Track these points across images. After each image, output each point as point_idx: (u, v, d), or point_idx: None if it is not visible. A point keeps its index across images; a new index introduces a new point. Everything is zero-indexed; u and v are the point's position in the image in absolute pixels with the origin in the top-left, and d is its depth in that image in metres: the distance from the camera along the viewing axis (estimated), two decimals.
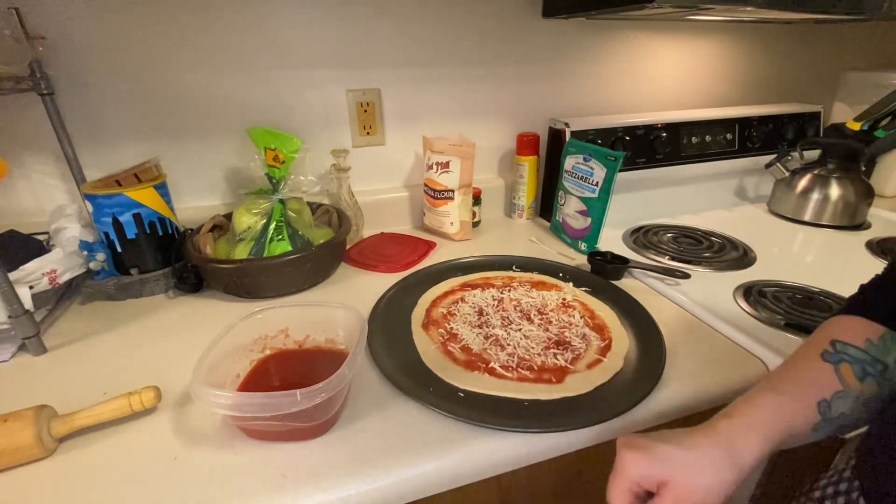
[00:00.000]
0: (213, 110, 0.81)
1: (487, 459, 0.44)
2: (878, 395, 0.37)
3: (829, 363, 0.38)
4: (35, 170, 0.76)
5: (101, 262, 0.66)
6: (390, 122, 0.92)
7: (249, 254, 0.68)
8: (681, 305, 0.67)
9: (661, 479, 0.34)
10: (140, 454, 0.43)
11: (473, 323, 0.61)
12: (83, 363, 0.56)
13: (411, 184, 0.97)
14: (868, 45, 1.26)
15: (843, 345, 0.38)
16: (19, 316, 0.54)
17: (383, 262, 0.79)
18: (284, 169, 0.72)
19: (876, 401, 0.37)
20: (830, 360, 0.38)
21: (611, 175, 0.77)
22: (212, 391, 0.40)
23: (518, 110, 1.00)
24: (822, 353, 0.38)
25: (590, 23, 0.96)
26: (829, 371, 0.37)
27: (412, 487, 0.42)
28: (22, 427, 0.41)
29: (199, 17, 0.74)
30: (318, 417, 0.43)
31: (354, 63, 0.85)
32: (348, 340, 0.52)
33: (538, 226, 0.98)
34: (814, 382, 0.37)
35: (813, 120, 1.09)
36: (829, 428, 0.37)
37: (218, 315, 0.66)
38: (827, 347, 0.38)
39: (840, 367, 0.37)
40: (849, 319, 0.40)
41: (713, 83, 1.14)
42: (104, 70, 0.73)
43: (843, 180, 0.93)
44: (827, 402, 0.36)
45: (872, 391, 0.37)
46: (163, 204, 0.70)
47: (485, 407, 0.48)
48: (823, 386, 0.37)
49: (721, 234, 0.91)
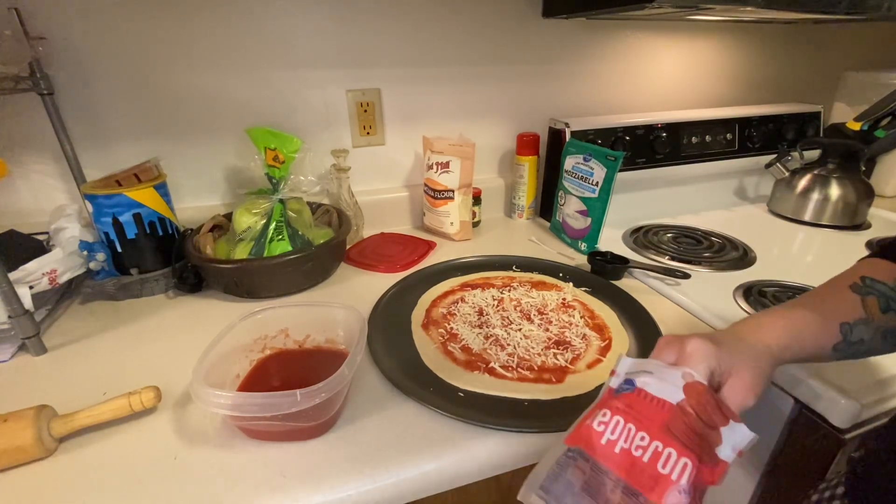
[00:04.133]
0: (213, 110, 0.81)
1: (487, 459, 0.44)
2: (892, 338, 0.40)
3: (856, 294, 0.40)
4: (35, 170, 0.76)
5: (101, 262, 0.66)
6: (390, 122, 0.92)
7: (249, 254, 0.68)
8: (681, 305, 0.67)
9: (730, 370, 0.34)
10: (140, 454, 0.43)
11: (473, 323, 0.61)
12: (83, 363, 0.56)
13: (411, 184, 0.97)
14: (868, 45, 1.26)
15: (872, 280, 0.41)
16: (19, 316, 0.54)
17: (383, 262, 0.79)
18: (284, 169, 0.72)
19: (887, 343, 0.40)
20: (858, 292, 0.40)
21: (611, 175, 0.77)
22: (212, 391, 0.40)
23: (518, 110, 1.00)
24: (851, 286, 0.41)
25: (590, 23, 0.96)
26: (856, 301, 0.40)
27: (412, 487, 0.42)
28: (22, 427, 0.41)
29: (199, 17, 0.74)
30: (318, 417, 0.43)
31: (354, 63, 0.85)
32: (348, 340, 0.52)
33: (538, 226, 0.98)
34: (840, 307, 0.40)
35: (813, 120, 1.09)
36: (847, 351, 0.39)
37: (218, 315, 0.66)
38: (857, 281, 0.41)
39: (866, 299, 0.40)
40: (880, 261, 0.43)
41: (713, 83, 1.14)
42: (104, 70, 0.73)
43: (843, 180, 0.93)
44: (849, 326, 0.39)
45: (890, 325, 0.40)
46: (163, 204, 0.70)
47: (485, 407, 0.48)
48: (848, 311, 0.39)
49: (721, 234, 0.91)
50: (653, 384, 0.32)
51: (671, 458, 0.29)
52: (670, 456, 0.29)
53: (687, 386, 0.31)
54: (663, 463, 0.29)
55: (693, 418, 0.30)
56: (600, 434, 0.31)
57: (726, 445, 0.30)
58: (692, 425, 0.30)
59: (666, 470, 0.29)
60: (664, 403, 0.31)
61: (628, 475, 0.29)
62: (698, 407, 0.30)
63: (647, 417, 0.31)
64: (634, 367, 0.34)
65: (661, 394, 0.31)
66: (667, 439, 0.29)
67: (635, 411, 0.31)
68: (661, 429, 0.30)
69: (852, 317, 0.39)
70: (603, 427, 0.31)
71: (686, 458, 0.29)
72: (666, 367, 0.33)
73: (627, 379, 0.33)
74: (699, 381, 0.31)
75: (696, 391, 0.31)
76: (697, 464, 0.29)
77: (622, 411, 0.31)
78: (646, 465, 0.29)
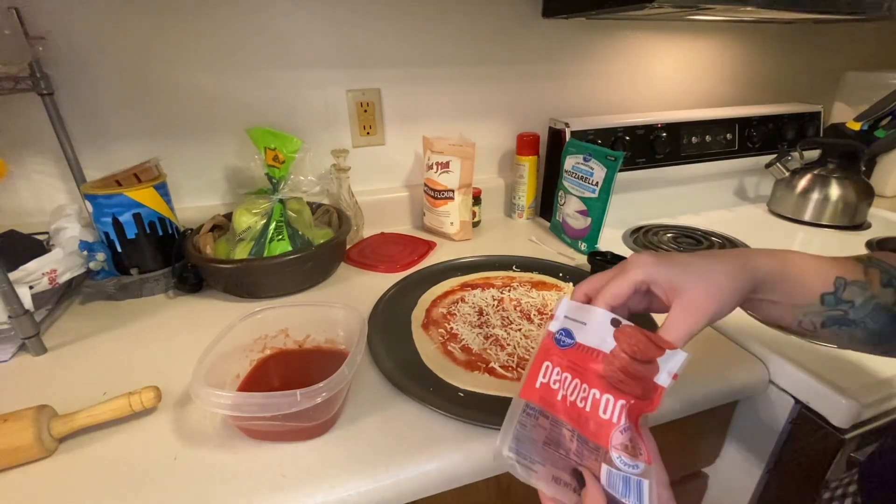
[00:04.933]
0: (213, 110, 0.81)
1: (487, 459, 0.44)
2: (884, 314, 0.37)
3: (860, 263, 0.38)
4: (35, 170, 0.76)
5: (101, 262, 0.66)
6: (390, 122, 0.92)
7: (249, 254, 0.68)
8: None
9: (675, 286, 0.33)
10: (140, 454, 0.43)
11: (473, 323, 0.61)
12: (83, 363, 0.56)
13: (411, 184, 0.97)
14: (868, 45, 1.26)
15: (880, 261, 0.38)
16: (19, 316, 0.54)
17: (383, 262, 0.79)
18: (284, 169, 0.72)
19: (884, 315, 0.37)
20: (862, 262, 0.38)
21: (611, 175, 0.77)
22: (212, 391, 0.40)
23: (518, 110, 1.00)
24: (857, 257, 0.39)
25: (590, 23, 0.96)
26: (859, 267, 0.37)
27: (412, 487, 0.42)
28: (22, 427, 0.41)
29: (199, 17, 0.74)
30: (318, 417, 0.43)
31: (354, 63, 0.85)
32: (348, 340, 0.52)
33: (538, 226, 0.98)
34: (841, 266, 0.37)
35: (813, 120, 1.09)
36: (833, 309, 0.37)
37: (218, 315, 0.66)
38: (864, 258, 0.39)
39: (869, 269, 0.37)
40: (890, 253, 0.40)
41: (713, 83, 1.14)
42: (104, 70, 0.73)
43: (843, 180, 0.93)
44: (844, 282, 0.36)
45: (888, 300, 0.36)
46: (163, 204, 0.70)
47: (485, 407, 0.48)
48: (849, 271, 0.37)
49: (721, 234, 0.91)
50: (589, 335, 0.34)
51: (609, 404, 0.31)
52: (608, 402, 0.31)
53: (616, 332, 0.33)
54: (603, 409, 0.31)
55: (626, 360, 0.32)
56: (555, 391, 0.34)
57: (662, 372, 0.31)
58: (626, 367, 0.32)
59: (606, 415, 0.31)
60: (598, 353, 0.33)
61: (577, 425, 0.32)
62: (630, 349, 0.32)
63: (585, 369, 0.33)
64: (572, 313, 0.35)
65: (596, 344, 0.33)
66: (603, 386, 0.32)
67: (576, 364, 0.34)
68: (597, 377, 0.32)
69: (851, 276, 0.37)
70: (557, 385, 0.34)
71: (622, 399, 0.31)
72: (600, 316, 0.34)
73: (567, 331, 0.35)
74: (627, 325, 0.33)
75: (626, 335, 0.32)
76: (634, 400, 0.31)
77: (566, 366, 0.34)
78: (589, 414, 0.32)
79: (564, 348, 0.34)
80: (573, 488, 0.32)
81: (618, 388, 0.31)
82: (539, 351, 0.36)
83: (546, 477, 0.32)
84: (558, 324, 0.36)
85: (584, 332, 0.34)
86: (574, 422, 0.32)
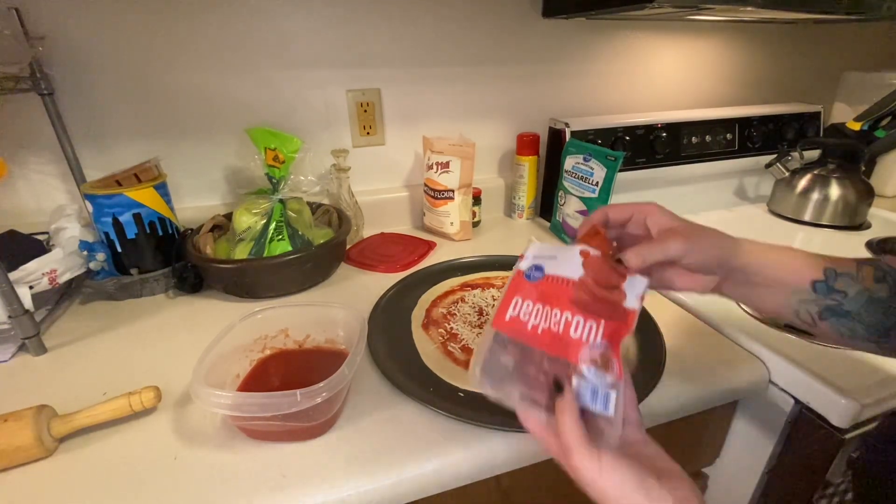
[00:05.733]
0: (213, 110, 0.81)
1: (487, 459, 0.44)
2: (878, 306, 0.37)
3: (855, 260, 0.38)
4: (35, 170, 0.76)
5: (101, 262, 0.66)
6: (390, 122, 0.92)
7: (249, 254, 0.68)
8: (681, 305, 0.67)
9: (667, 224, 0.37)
10: (140, 454, 0.43)
11: (473, 323, 0.61)
12: (83, 363, 0.56)
13: (411, 184, 0.97)
14: (868, 45, 1.26)
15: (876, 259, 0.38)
16: (19, 316, 0.54)
17: (383, 262, 0.79)
18: (284, 169, 0.72)
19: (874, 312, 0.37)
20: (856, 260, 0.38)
21: (611, 175, 0.77)
22: (212, 391, 0.40)
23: (518, 110, 1.00)
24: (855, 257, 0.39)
25: (590, 23, 0.96)
26: (852, 262, 0.38)
27: (412, 487, 0.42)
28: (22, 427, 0.41)
29: (199, 17, 0.74)
30: (318, 417, 0.43)
31: (354, 63, 0.85)
32: (348, 340, 0.52)
33: (538, 226, 0.98)
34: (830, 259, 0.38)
35: (813, 120, 1.09)
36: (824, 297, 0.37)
37: (218, 315, 0.66)
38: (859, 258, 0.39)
39: (863, 266, 0.37)
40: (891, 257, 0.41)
41: (713, 83, 1.14)
42: (104, 70, 0.73)
43: (843, 180, 0.93)
44: (834, 272, 0.37)
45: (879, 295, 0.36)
46: (163, 204, 0.70)
47: (485, 407, 0.47)
48: (840, 263, 0.38)
49: None
50: (559, 267, 0.37)
51: (580, 325, 0.34)
52: (579, 323, 0.34)
53: (584, 262, 0.36)
54: (574, 329, 0.34)
55: (594, 286, 0.35)
56: (524, 322, 0.36)
57: (630, 297, 0.35)
58: (594, 292, 0.35)
59: (577, 334, 0.34)
60: (569, 281, 0.36)
61: (549, 348, 0.34)
62: (596, 276, 0.35)
63: (557, 297, 0.36)
64: (542, 252, 0.38)
65: (566, 273, 0.36)
66: (574, 309, 0.34)
67: (547, 294, 0.36)
68: (569, 302, 0.35)
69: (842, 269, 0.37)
70: (527, 316, 0.36)
71: (592, 321, 0.34)
72: (568, 249, 0.37)
73: (538, 266, 0.38)
74: (594, 256, 0.36)
75: (592, 263, 0.36)
76: (605, 322, 0.33)
77: (537, 297, 0.36)
78: (561, 336, 0.34)
79: (534, 282, 0.37)
80: (545, 406, 0.34)
81: (588, 311, 0.34)
82: (508, 288, 0.38)
83: (518, 398, 0.35)
84: (528, 263, 0.38)
85: (554, 264, 0.37)
86: (546, 346, 0.35)
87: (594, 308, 0.34)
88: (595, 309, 0.34)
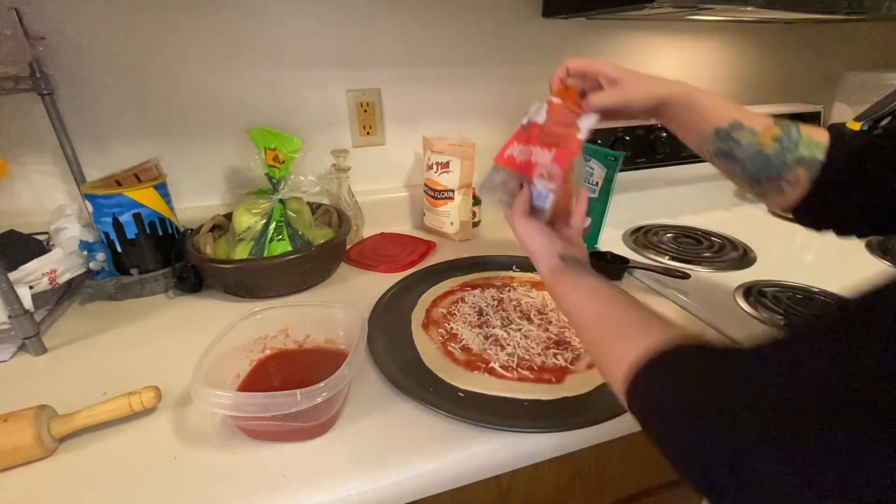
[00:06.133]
0: (213, 110, 0.81)
1: (487, 459, 0.44)
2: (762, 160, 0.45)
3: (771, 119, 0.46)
4: (35, 170, 0.76)
5: (101, 262, 0.66)
6: (390, 122, 0.92)
7: (249, 254, 0.68)
8: (681, 305, 0.67)
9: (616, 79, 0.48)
10: (140, 454, 0.43)
11: (473, 323, 0.61)
12: (83, 363, 0.56)
13: (411, 184, 0.97)
14: (868, 45, 1.26)
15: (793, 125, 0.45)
16: (19, 316, 0.54)
17: (383, 262, 0.79)
18: (284, 169, 0.72)
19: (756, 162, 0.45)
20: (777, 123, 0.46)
21: (611, 175, 0.77)
22: (212, 391, 0.40)
23: (518, 110, 0.99)
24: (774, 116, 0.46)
25: (590, 23, 0.96)
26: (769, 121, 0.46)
27: (412, 487, 0.42)
28: (22, 427, 0.41)
29: (199, 17, 0.74)
30: (318, 417, 0.43)
31: (354, 63, 0.85)
32: (348, 340, 0.52)
33: None
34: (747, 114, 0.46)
35: (813, 120, 1.09)
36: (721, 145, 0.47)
37: (218, 315, 0.66)
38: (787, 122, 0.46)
39: (772, 127, 0.45)
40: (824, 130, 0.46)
41: (713, 83, 1.14)
42: (104, 70, 0.73)
43: None
44: (740, 124, 0.46)
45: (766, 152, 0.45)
46: (163, 204, 0.70)
47: (485, 407, 0.48)
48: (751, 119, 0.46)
49: (721, 234, 0.91)
50: (536, 116, 0.49)
51: (538, 153, 0.49)
52: (537, 152, 0.49)
53: (549, 109, 0.49)
54: (536, 157, 0.49)
55: (553, 125, 0.48)
56: (513, 157, 0.51)
57: (583, 130, 0.46)
58: (553, 130, 0.48)
59: (535, 159, 0.49)
60: (538, 125, 0.49)
61: (520, 170, 0.51)
62: (556, 117, 0.48)
63: (532, 137, 0.49)
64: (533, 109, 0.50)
65: (538, 120, 0.49)
66: (538, 144, 0.49)
67: (529, 136, 0.50)
68: (536, 139, 0.49)
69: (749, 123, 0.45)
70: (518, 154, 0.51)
71: (546, 150, 0.48)
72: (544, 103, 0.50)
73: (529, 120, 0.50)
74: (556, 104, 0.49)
75: (553, 109, 0.49)
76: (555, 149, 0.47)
77: (524, 140, 0.50)
78: (529, 162, 0.50)
79: (525, 130, 0.50)
80: None
81: (545, 143, 0.48)
82: (511, 137, 0.52)
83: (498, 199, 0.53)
84: (525, 119, 0.51)
85: (536, 115, 0.50)
86: (520, 169, 0.51)
87: (549, 140, 0.48)
88: (550, 141, 0.48)
